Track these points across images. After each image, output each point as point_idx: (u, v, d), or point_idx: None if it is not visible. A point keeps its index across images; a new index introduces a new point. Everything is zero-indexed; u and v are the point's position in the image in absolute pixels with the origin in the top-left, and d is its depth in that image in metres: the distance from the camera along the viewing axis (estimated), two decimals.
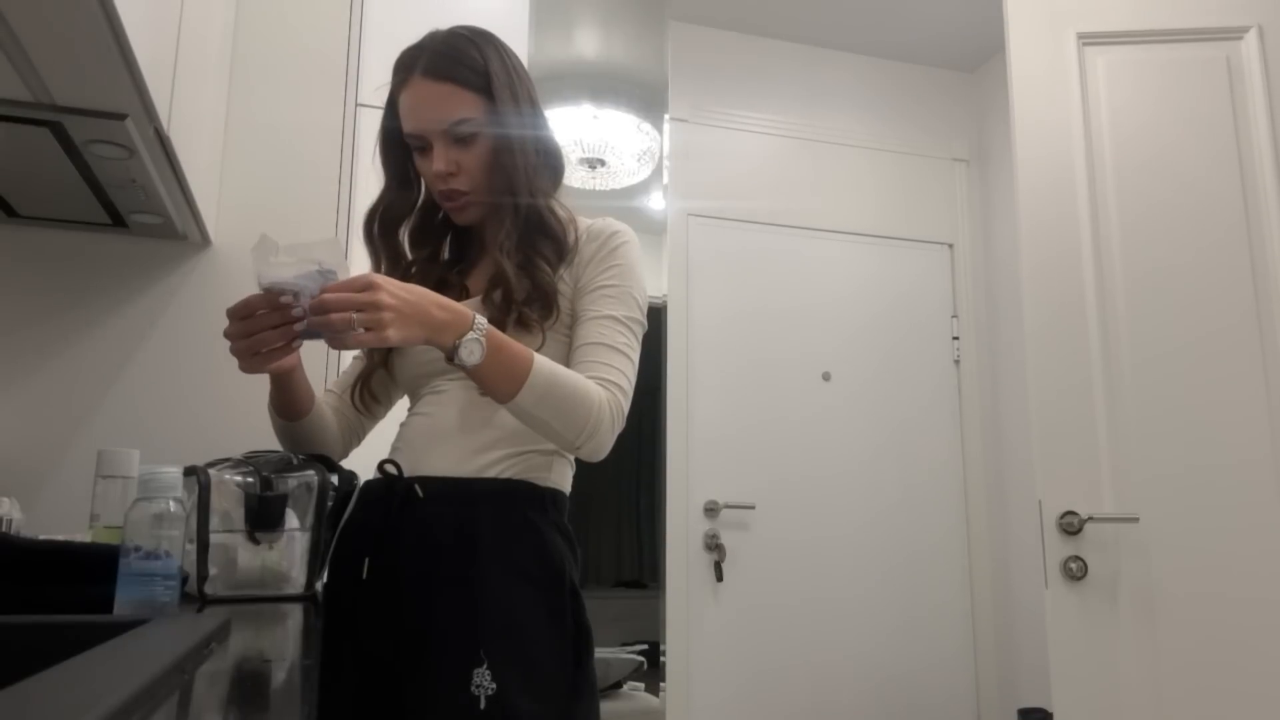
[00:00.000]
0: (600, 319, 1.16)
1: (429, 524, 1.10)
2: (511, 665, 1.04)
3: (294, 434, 1.25)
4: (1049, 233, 1.94)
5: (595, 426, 1.09)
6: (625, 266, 1.19)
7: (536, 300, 1.15)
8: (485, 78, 1.17)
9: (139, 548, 0.88)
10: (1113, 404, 1.86)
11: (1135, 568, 1.81)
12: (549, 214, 1.20)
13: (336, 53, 1.99)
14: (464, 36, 1.20)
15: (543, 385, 1.06)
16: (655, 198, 2.97)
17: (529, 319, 1.14)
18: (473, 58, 1.18)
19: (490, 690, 1.02)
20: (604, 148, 2.84)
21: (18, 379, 1.73)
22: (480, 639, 1.04)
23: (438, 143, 1.17)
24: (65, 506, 1.57)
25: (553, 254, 1.19)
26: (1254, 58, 1.95)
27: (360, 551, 1.13)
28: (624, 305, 1.17)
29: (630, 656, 2.57)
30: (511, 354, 1.05)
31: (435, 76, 1.16)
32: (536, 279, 1.16)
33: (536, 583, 1.09)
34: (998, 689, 3.09)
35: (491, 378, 1.05)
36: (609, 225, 1.23)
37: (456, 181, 1.18)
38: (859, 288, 3.24)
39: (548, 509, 1.15)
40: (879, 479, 3.13)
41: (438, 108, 1.16)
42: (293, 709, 0.58)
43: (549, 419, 1.08)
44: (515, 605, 1.07)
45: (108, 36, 1.06)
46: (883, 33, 3.28)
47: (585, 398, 1.09)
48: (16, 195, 1.62)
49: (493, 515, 1.11)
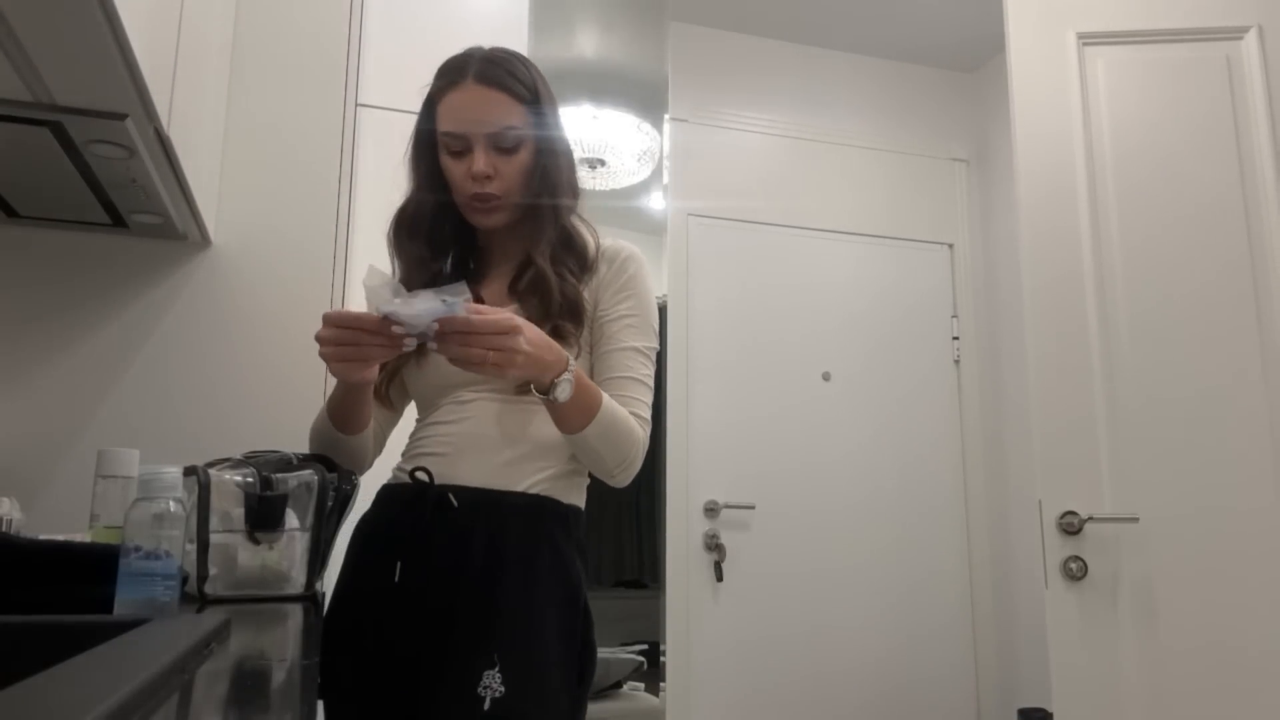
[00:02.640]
0: (626, 351, 1.21)
1: (460, 532, 1.14)
2: (521, 672, 1.06)
3: (343, 447, 1.27)
4: (1049, 233, 1.94)
5: (634, 459, 1.18)
6: (641, 294, 1.24)
7: (568, 311, 1.19)
8: (534, 94, 1.23)
9: (139, 548, 0.88)
10: (1113, 404, 1.86)
11: (1135, 568, 1.81)
12: (574, 230, 1.26)
13: (336, 53, 1.99)
14: (510, 53, 1.26)
15: (607, 421, 1.13)
16: (655, 198, 2.97)
17: (566, 330, 1.18)
18: (523, 73, 1.24)
19: (498, 693, 1.04)
20: (604, 148, 2.84)
21: (18, 379, 1.73)
22: (496, 641, 1.07)
23: (480, 145, 1.20)
24: (65, 506, 1.57)
25: (577, 267, 1.23)
26: (1254, 58, 1.95)
27: (391, 556, 1.16)
28: (644, 335, 1.23)
29: (630, 656, 2.56)
30: (589, 392, 1.12)
31: (488, 83, 1.20)
32: (566, 291, 1.20)
33: (555, 599, 1.13)
34: (998, 689, 3.09)
35: (570, 413, 1.11)
36: (621, 248, 1.27)
37: (491, 185, 1.21)
38: (859, 288, 3.24)
39: (570, 527, 1.19)
40: (879, 479, 3.13)
41: (488, 112, 1.20)
42: (293, 709, 0.57)
43: (603, 451, 1.15)
44: (533, 617, 1.11)
45: (108, 36, 1.06)
46: (883, 33, 3.28)
47: (631, 433, 1.16)
48: (16, 195, 1.62)
49: (521, 529, 1.15)
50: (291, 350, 1.85)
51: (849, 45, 3.37)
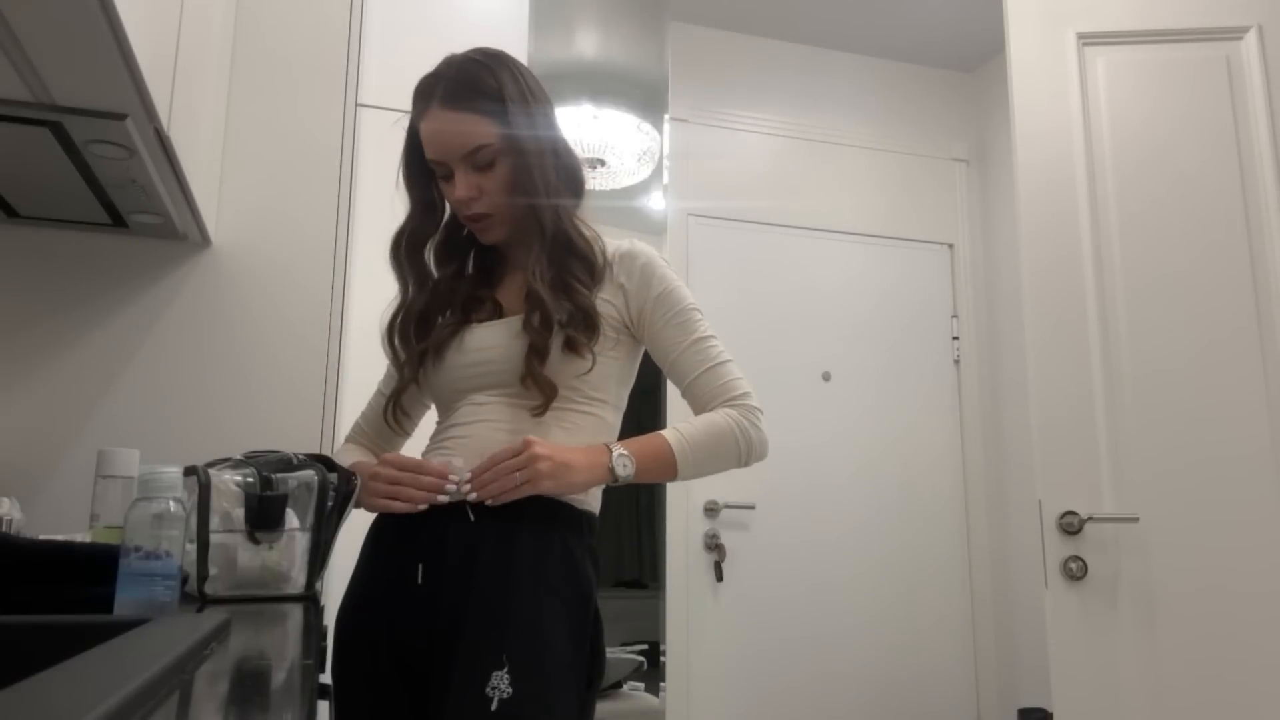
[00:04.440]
0: (688, 348, 1.23)
1: (475, 536, 1.14)
2: (530, 675, 1.07)
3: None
4: (1049, 233, 1.94)
5: (748, 447, 1.23)
6: (669, 289, 1.25)
7: (580, 322, 1.18)
8: (501, 103, 1.20)
9: (139, 548, 0.88)
10: (1113, 404, 1.86)
11: (1135, 568, 1.80)
12: (575, 234, 1.24)
13: (336, 53, 1.99)
14: (478, 62, 1.23)
15: (691, 456, 1.18)
16: (655, 198, 2.97)
17: (576, 341, 1.17)
18: (488, 84, 1.21)
19: (506, 694, 1.04)
20: (604, 148, 2.84)
21: (18, 379, 1.73)
22: (505, 643, 1.07)
23: (459, 169, 1.20)
24: (65, 506, 1.57)
25: (584, 273, 1.22)
26: (1254, 58, 1.95)
27: (408, 558, 1.17)
28: (692, 323, 1.25)
29: (630, 656, 2.56)
30: (654, 451, 1.17)
31: (452, 105, 1.20)
32: (576, 300, 1.19)
33: (566, 603, 1.13)
34: (998, 689, 3.09)
35: (650, 476, 1.17)
36: (627, 250, 1.26)
37: (479, 205, 1.22)
38: (859, 288, 3.24)
39: (583, 532, 1.19)
40: (879, 479, 3.13)
41: (456, 136, 1.19)
42: (293, 709, 0.57)
43: (712, 469, 1.21)
44: (544, 620, 1.11)
45: (108, 36, 1.06)
46: (883, 33, 3.28)
47: (723, 435, 1.20)
48: (16, 195, 1.62)
49: (535, 534, 1.15)
50: (291, 350, 1.85)
51: (849, 45, 3.37)
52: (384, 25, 2.05)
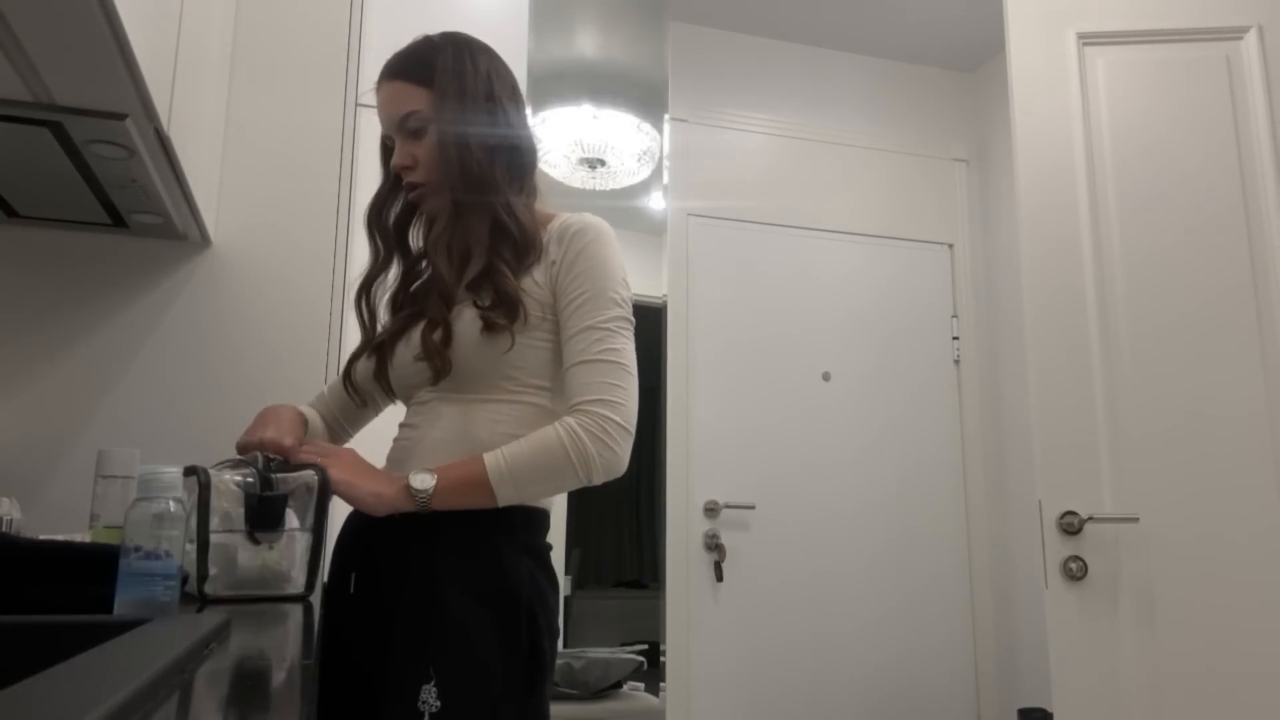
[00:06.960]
0: (577, 334, 1.15)
1: (398, 543, 1.13)
2: (457, 685, 1.05)
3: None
4: (1049, 233, 1.94)
5: (585, 464, 1.10)
6: (590, 268, 1.16)
7: (501, 305, 1.14)
8: (430, 72, 1.21)
9: (139, 548, 0.88)
10: (1113, 404, 1.86)
11: (1135, 568, 1.81)
12: (505, 214, 1.19)
13: (336, 53, 1.99)
14: (429, 38, 1.26)
15: (510, 477, 1.09)
16: (655, 198, 2.97)
17: (494, 323, 1.14)
18: (425, 56, 1.23)
19: (434, 708, 1.03)
20: (604, 148, 2.84)
21: (18, 379, 1.73)
22: (430, 656, 1.05)
23: (397, 138, 1.23)
24: (65, 506, 1.57)
25: (511, 255, 1.18)
26: (1254, 58, 1.95)
27: (346, 565, 1.19)
28: (597, 309, 1.15)
29: (630, 656, 2.56)
30: (466, 473, 1.10)
31: (389, 76, 1.24)
32: (496, 283, 1.15)
33: (491, 604, 1.09)
34: (998, 689, 3.09)
35: (460, 498, 1.10)
36: (570, 225, 1.19)
37: (414, 175, 1.23)
38: (859, 288, 3.24)
39: (516, 529, 1.14)
40: (879, 479, 3.13)
41: (390, 103, 1.23)
42: (293, 709, 0.57)
43: (545, 490, 1.14)
44: (468, 625, 1.08)
45: (108, 36, 1.06)
46: (882, 33, 3.28)
47: (551, 452, 1.10)
48: (16, 195, 1.62)
49: (455, 536, 1.11)
50: (291, 350, 1.85)
51: (849, 45, 3.37)
52: (384, 25, 2.05)
